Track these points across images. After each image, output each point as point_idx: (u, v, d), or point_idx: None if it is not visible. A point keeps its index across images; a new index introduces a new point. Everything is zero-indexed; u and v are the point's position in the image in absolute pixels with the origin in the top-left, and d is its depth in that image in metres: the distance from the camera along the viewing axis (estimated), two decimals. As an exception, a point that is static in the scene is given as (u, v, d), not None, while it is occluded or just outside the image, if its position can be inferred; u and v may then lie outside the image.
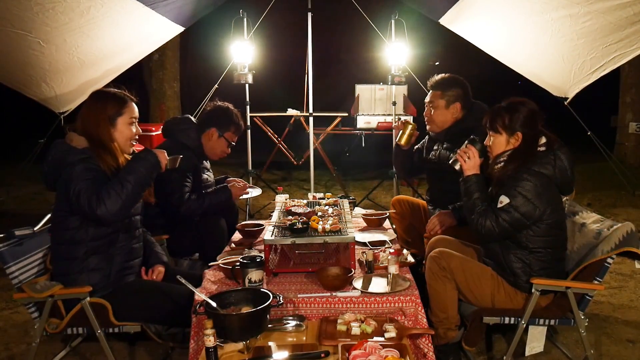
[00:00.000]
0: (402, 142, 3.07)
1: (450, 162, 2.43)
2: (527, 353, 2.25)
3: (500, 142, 2.28)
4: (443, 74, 3.02)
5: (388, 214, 3.23)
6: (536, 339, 2.24)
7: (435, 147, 3.07)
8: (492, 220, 2.16)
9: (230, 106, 3.15)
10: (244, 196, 3.22)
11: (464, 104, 2.93)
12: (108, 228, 2.17)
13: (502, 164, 2.26)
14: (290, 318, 1.94)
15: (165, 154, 2.25)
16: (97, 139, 2.19)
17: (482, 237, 2.25)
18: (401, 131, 3.07)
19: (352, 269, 2.21)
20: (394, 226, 3.22)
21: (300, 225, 2.34)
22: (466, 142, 2.39)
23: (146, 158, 2.18)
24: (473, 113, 2.93)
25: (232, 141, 3.12)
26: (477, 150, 2.33)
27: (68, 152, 2.14)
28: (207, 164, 3.19)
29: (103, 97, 2.26)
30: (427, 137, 3.22)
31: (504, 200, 2.15)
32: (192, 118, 3.13)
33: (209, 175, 3.17)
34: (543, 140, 2.25)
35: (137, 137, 2.33)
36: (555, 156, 2.19)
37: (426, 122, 3.06)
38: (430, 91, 3.01)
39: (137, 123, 2.31)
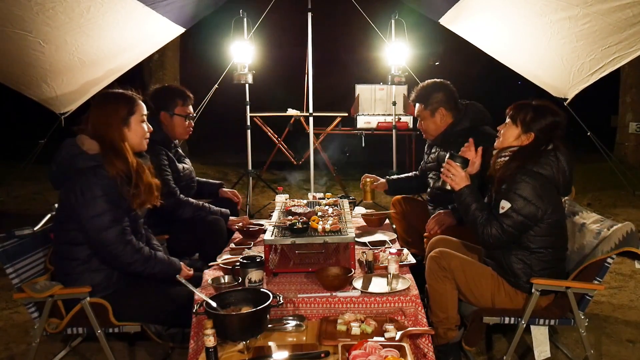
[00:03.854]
0: (367, 199, 3.29)
1: (440, 185, 2.45)
2: (537, 359, 2.24)
3: (512, 134, 2.26)
4: (422, 83, 3.06)
5: (388, 213, 3.23)
6: (541, 343, 2.23)
7: (433, 150, 3.10)
8: (498, 228, 2.15)
9: (166, 84, 3.09)
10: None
11: (449, 106, 2.95)
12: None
13: (505, 159, 2.25)
14: (290, 318, 1.94)
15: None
16: (109, 141, 2.16)
17: (491, 246, 2.24)
18: (364, 191, 3.27)
19: (352, 269, 2.21)
20: (394, 226, 3.22)
21: (300, 225, 2.34)
22: (446, 159, 2.39)
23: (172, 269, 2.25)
24: (467, 114, 2.94)
25: (188, 113, 3.05)
26: (458, 163, 2.33)
27: (78, 156, 2.13)
28: (180, 151, 3.16)
29: (113, 99, 2.25)
30: (426, 145, 3.25)
31: (505, 205, 2.14)
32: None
33: (185, 163, 3.15)
34: (549, 146, 2.24)
35: (148, 134, 2.33)
36: (556, 157, 2.19)
37: (422, 133, 3.12)
38: (413, 103, 3.07)
39: (146, 121, 2.32)
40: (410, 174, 3.45)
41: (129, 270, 2.19)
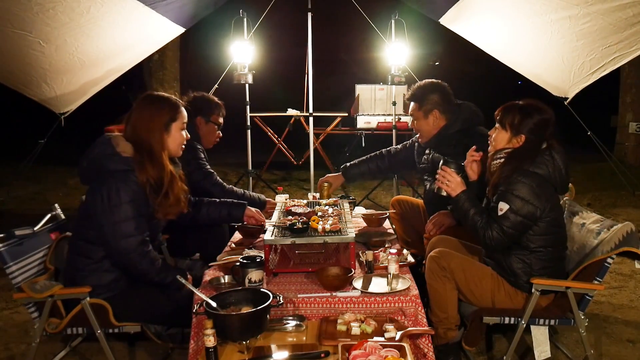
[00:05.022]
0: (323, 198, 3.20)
1: (435, 191, 2.44)
2: (537, 359, 2.23)
3: (502, 138, 2.27)
4: (419, 83, 3.05)
5: (388, 214, 3.22)
6: (541, 343, 2.23)
7: (427, 152, 3.09)
8: (498, 231, 2.15)
9: (203, 93, 3.27)
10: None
11: (444, 109, 2.92)
12: None
13: (500, 161, 2.25)
14: (290, 318, 1.94)
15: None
16: (148, 145, 2.13)
17: (494, 248, 2.24)
18: (320, 191, 3.23)
19: (352, 269, 2.21)
20: (394, 226, 3.22)
21: (300, 225, 2.34)
22: (440, 165, 2.39)
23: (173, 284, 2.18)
24: (461, 115, 2.92)
25: (219, 123, 3.21)
26: (453, 169, 2.34)
27: (111, 157, 2.09)
28: None
29: (158, 102, 2.21)
30: (416, 143, 3.24)
31: (503, 207, 2.14)
32: None
33: None
34: (544, 145, 2.24)
35: (185, 142, 2.31)
36: (550, 156, 2.18)
37: (417, 134, 3.12)
38: (408, 101, 3.06)
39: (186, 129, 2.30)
40: (368, 156, 3.41)
41: (142, 279, 2.19)
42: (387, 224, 3.11)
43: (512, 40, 4.41)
